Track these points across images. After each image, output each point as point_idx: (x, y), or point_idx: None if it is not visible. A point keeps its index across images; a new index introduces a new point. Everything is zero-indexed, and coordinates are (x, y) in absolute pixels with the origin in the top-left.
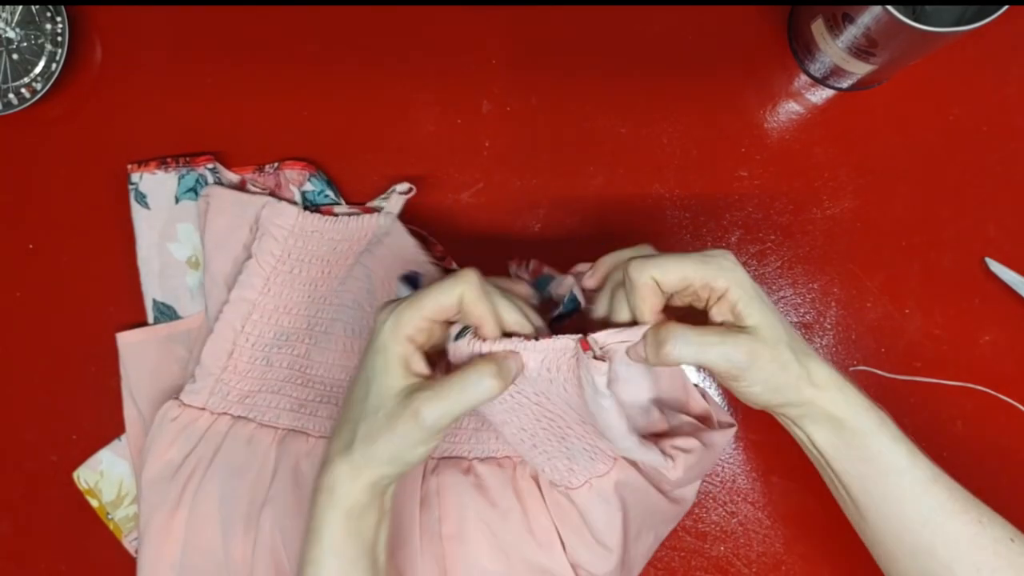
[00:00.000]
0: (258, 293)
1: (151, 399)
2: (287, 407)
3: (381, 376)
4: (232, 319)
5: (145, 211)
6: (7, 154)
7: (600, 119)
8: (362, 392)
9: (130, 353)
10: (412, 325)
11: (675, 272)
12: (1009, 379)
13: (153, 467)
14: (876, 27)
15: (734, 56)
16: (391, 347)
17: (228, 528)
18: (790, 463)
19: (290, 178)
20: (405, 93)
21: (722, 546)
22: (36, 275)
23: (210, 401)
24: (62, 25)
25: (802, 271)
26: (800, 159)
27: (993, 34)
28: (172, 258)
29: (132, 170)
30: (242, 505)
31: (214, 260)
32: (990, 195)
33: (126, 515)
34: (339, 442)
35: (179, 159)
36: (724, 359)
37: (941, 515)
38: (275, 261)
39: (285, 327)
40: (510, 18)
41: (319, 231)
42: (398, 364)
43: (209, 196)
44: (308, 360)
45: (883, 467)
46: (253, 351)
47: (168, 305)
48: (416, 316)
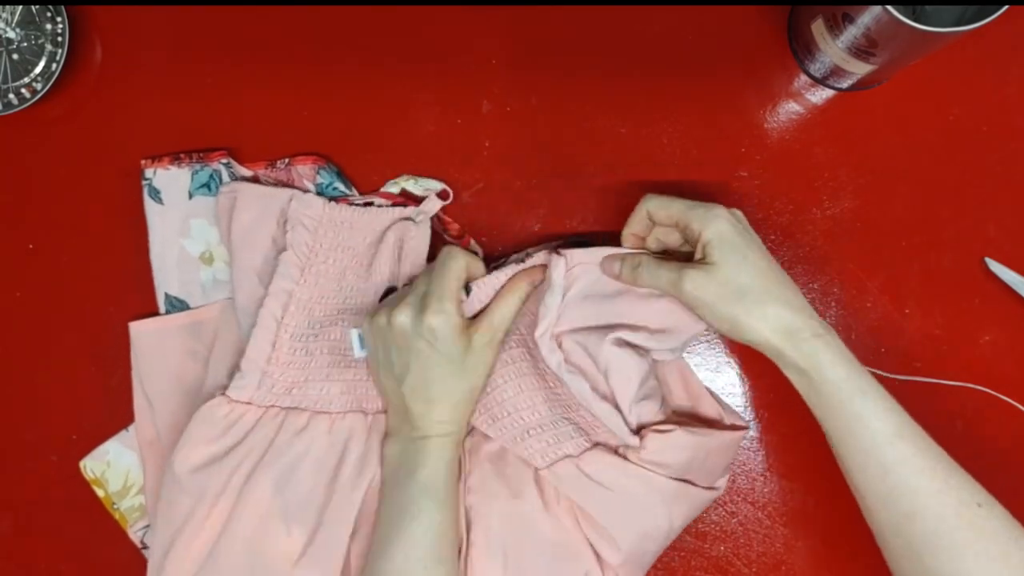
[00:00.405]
0: (295, 283)
1: (160, 389)
2: (339, 391)
3: (446, 329)
4: (274, 309)
5: (159, 206)
6: (7, 154)
7: (600, 119)
8: (436, 356)
9: (142, 343)
10: (451, 292)
11: (666, 210)
12: (1009, 379)
13: (191, 459)
14: (876, 27)
15: (734, 56)
16: (447, 311)
17: (290, 515)
18: (790, 463)
19: (303, 173)
20: (405, 93)
21: (722, 546)
22: (36, 275)
23: (257, 395)
24: (62, 25)
25: (802, 271)
26: (800, 159)
27: (993, 34)
28: (186, 253)
29: (145, 166)
30: (304, 493)
31: (242, 255)
32: (990, 195)
33: (132, 505)
34: (420, 403)
35: (192, 154)
36: (672, 286)
37: (905, 468)
38: (308, 251)
39: (317, 316)
40: (510, 18)
41: (348, 222)
42: (457, 311)
43: (235, 192)
44: (345, 343)
45: (848, 419)
46: (292, 342)
47: (181, 300)
48: (453, 284)
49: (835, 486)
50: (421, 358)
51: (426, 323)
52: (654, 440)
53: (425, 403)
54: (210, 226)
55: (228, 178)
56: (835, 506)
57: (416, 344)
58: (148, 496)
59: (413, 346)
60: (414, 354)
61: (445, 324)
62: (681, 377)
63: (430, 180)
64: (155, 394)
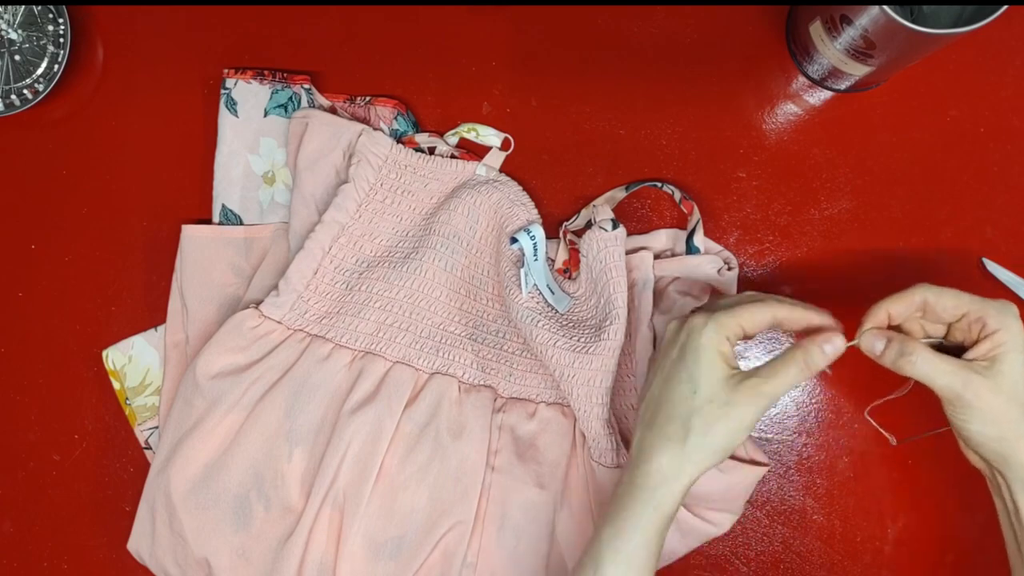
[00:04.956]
0: (350, 217)
1: (198, 295)
2: (367, 331)
3: (708, 371)
4: (323, 239)
5: (233, 118)
6: (9, 155)
7: (599, 120)
8: (688, 389)
9: (190, 247)
10: (730, 329)
11: (954, 300)
12: None
13: (213, 365)
14: (874, 29)
15: (733, 58)
16: (715, 346)
17: (295, 439)
18: (789, 463)
19: (381, 114)
20: (406, 95)
21: (721, 545)
22: (38, 275)
23: (288, 316)
24: (64, 26)
25: (799, 272)
26: (798, 160)
27: (990, 36)
28: (250, 169)
29: (228, 75)
30: (313, 421)
31: (305, 180)
32: (988, 196)
33: (144, 404)
34: (661, 438)
35: (276, 73)
36: (950, 388)
37: None
38: (368, 188)
39: (367, 255)
40: (510, 19)
41: (412, 167)
42: (722, 360)
43: (308, 117)
44: (388, 284)
45: None
46: (335, 274)
47: (236, 214)
48: (734, 324)
49: (834, 486)
50: (686, 376)
51: (702, 341)
52: None
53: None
54: (279, 147)
55: (307, 103)
56: (835, 506)
57: (692, 359)
58: (164, 397)
59: (684, 361)
60: (686, 368)
61: (708, 357)
62: None
63: (490, 129)
64: (192, 299)
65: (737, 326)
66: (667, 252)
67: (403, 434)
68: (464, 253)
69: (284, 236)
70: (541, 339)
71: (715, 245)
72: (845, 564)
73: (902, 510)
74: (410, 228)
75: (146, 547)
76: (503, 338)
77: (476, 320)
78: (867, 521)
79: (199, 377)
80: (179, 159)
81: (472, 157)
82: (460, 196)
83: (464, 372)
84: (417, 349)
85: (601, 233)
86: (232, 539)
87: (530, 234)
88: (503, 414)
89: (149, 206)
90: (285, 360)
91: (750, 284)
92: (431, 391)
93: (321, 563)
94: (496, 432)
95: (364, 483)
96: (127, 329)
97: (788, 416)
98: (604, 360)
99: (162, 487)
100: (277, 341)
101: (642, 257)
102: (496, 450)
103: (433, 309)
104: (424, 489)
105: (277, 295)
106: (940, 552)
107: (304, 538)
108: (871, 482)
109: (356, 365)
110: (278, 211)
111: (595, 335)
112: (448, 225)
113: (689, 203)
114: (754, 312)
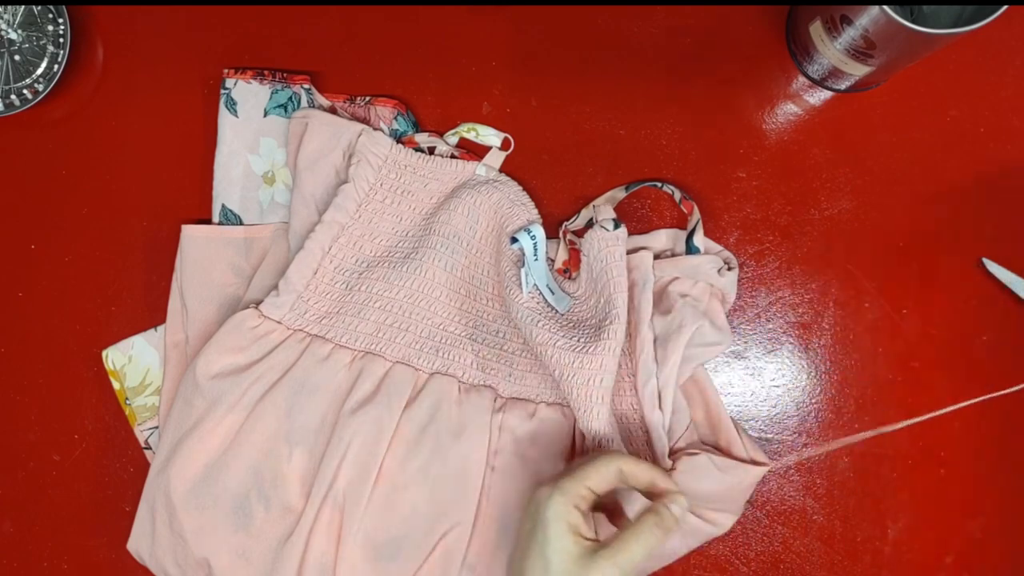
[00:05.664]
0: (349, 217)
1: (198, 295)
2: (367, 331)
3: (557, 546)
4: (323, 239)
5: (232, 118)
6: (9, 155)
7: (599, 120)
8: (540, 566)
9: (190, 247)
10: (577, 496)
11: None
12: (1007, 379)
13: (214, 365)
14: (874, 29)
15: (733, 58)
16: (562, 517)
17: (295, 440)
18: (789, 463)
19: (381, 114)
20: (406, 95)
21: (721, 545)
22: (38, 275)
23: (288, 316)
24: (64, 26)
25: (800, 272)
26: (798, 160)
27: (990, 36)
28: (250, 169)
29: (228, 75)
30: (313, 421)
31: (305, 180)
32: (987, 196)
33: (144, 404)
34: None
35: (276, 73)
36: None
37: None
38: (368, 188)
39: (367, 255)
40: (510, 19)
41: (412, 167)
42: (571, 532)
43: (308, 117)
44: (388, 284)
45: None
46: (335, 274)
47: (236, 214)
48: (580, 488)
49: (834, 486)
50: (538, 551)
51: (551, 512)
52: (685, 463)
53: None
54: (278, 147)
55: (307, 103)
56: (834, 506)
57: (542, 531)
58: (163, 397)
59: (537, 534)
60: (537, 542)
61: (557, 528)
62: (703, 401)
63: (490, 129)
64: (191, 299)
65: (584, 489)
66: (667, 252)
67: (403, 434)
68: (464, 253)
69: (284, 236)
70: (541, 339)
71: (715, 245)
72: (845, 564)
73: (902, 510)
74: (410, 228)
75: (146, 547)
76: (503, 338)
77: (476, 320)
78: (867, 521)
79: (199, 377)
80: (179, 159)
81: (472, 157)
82: (460, 196)
83: (464, 372)
84: (417, 349)
85: (603, 232)
86: (232, 539)
87: (530, 234)
88: (503, 414)
89: (149, 206)
90: (285, 360)
91: (750, 284)
92: (431, 391)
93: (321, 563)
94: (496, 432)
95: (364, 483)
96: (127, 329)
97: (788, 416)
98: (604, 360)
99: (162, 487)
100: (277, 341)
101: (642, 257)
102: (496, 450)
103: (433, 309)
104: (424, 489)
105: (277, 295)
106: (940, 553)
107: (304, 538)
108: (871, 482)
109: (356, 365)
110: (278, 211)
111: (595, 335)
112: (448, 225)
113: (689, 203)
114: (599, 469)
